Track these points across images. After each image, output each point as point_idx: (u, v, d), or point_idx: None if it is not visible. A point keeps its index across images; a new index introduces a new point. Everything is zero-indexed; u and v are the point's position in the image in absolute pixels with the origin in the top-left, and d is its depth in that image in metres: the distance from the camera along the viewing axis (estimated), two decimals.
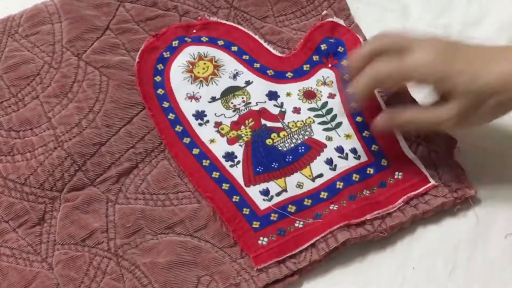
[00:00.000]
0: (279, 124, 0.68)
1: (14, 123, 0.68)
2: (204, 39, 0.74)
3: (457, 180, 0.64)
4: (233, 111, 0.69)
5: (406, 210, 0.62)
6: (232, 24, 0.75)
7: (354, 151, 0.66)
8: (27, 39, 0.72)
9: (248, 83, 0.71)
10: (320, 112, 0.69)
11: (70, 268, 0.61)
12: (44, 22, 0.73)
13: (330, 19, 0.74)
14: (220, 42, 0.73)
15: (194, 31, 0.74)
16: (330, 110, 0.69)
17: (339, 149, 0.66)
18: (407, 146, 0.66)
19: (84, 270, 0.61)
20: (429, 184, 0.64)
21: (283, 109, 0.69)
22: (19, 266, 0.62)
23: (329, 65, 0.72)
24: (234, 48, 0.73)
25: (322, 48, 0.72)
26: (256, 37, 0.74)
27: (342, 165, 0.65)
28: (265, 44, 0.73)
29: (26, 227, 0.64)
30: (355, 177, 0.64)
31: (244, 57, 0.72)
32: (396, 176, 0.65)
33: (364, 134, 0.67)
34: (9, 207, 0.64)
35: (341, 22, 0.74)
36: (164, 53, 0.72)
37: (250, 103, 0.70)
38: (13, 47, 0.72)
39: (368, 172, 0.65)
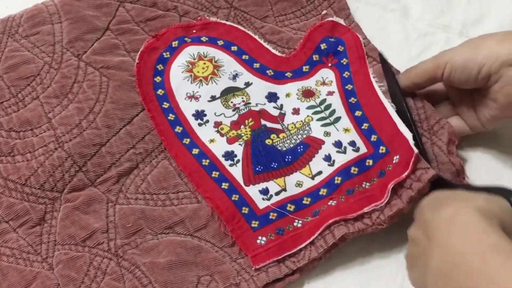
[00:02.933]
0: (278, 126, 0.68)
1: (14, 124, 0.68)
2: (204, 39, 0.74)
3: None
4: (233, 110, 0.69)
5: (402, 195, 0.61)
6: (232, 24, 0.75)
7: (353, 143, 0.65)
8: (27, 39, 0.73)
9: (247, 84, 0.71)
10: (318, 109, 0.69)
11: (71, 268, 0.61)
12: (44, 23, 0.73)
13: (330, 19, 0.74)
14: (220, 42, 0.73)
15: (194, 31, 0.74)
16: (329, 105, 0.68)
17: (337, 144, 0.66)
18: (402, 122, 0.63)
19: (84, 270, 0.61)
20: (414, 154, 0.60)
21: (282, 111, 0.69)
22: (20, 266, 0.62)
23: (329, 65, 0.71)
24: (234, 48, 0.73)
25: (322, 47, 0.72)
26: (256, 37, 0.74)
27: (341, 159, 0.65)
28: (265, 44, 0.73)
29: (26, 227, 0.64)
30: (354, 170, 0.64)
31: (243, 57, 0.72)
32: (394, 161, 0.62)
33: (363, 127, 0.66)
34: (10, 207, 0.64)
35: (341, 21, 0.74)
36: (164, 54, 0.72)
37: (250, 103, 0.70)
38: (13, 47, 0.72)
39: (367, 163, 0.64)
